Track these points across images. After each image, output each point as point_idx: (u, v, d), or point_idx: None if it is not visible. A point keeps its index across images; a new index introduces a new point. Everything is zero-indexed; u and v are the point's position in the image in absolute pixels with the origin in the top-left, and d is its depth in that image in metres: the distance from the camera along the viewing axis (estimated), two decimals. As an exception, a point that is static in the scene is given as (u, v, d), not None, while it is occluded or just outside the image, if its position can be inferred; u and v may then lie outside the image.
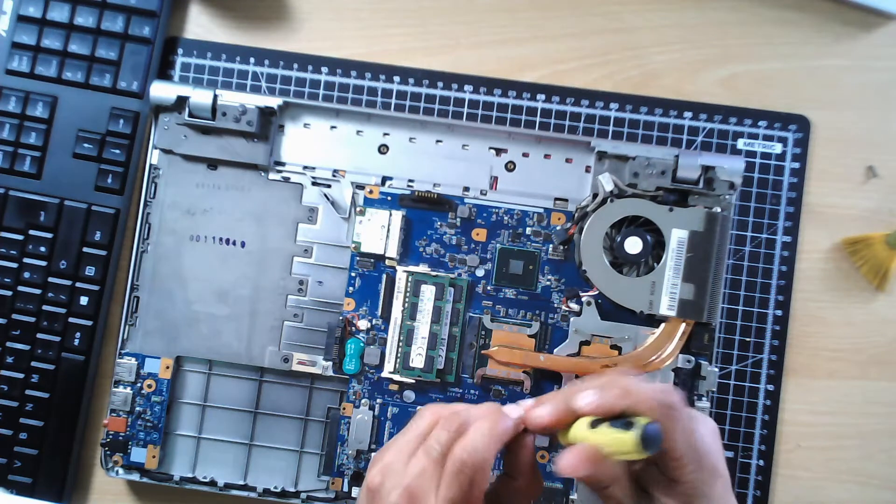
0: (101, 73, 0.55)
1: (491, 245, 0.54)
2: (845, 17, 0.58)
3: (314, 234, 0.54)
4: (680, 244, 0.52)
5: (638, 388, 0.36)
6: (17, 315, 0.54)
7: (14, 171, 0.55)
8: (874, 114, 0.57)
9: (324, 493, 0.53)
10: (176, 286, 0.54)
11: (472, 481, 0.36)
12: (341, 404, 0.54)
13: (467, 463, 0.36)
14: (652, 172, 0.52)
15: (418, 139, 0.55)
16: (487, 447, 0.37)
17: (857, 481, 0.55)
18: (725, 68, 0.57)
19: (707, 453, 0.37)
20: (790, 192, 0.56)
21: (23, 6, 0.55)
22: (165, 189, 0.54)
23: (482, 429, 0.37)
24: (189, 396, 0.54)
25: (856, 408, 0.56)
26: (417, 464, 0.37)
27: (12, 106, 0.55)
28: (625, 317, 0.52)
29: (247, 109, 0.53)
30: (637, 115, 0.57)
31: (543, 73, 0.57)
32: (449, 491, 0.36)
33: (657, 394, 0.36)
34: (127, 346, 0.54)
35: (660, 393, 0.36)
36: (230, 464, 0.54)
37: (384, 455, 0.39)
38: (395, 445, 0.39)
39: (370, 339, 0.53)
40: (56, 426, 0.54)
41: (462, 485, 0.36)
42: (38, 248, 0.54)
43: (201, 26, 0.58)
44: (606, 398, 0.36)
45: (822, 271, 0.56)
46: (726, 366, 0.55)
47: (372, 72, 0.57)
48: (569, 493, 0.52)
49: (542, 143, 0.54)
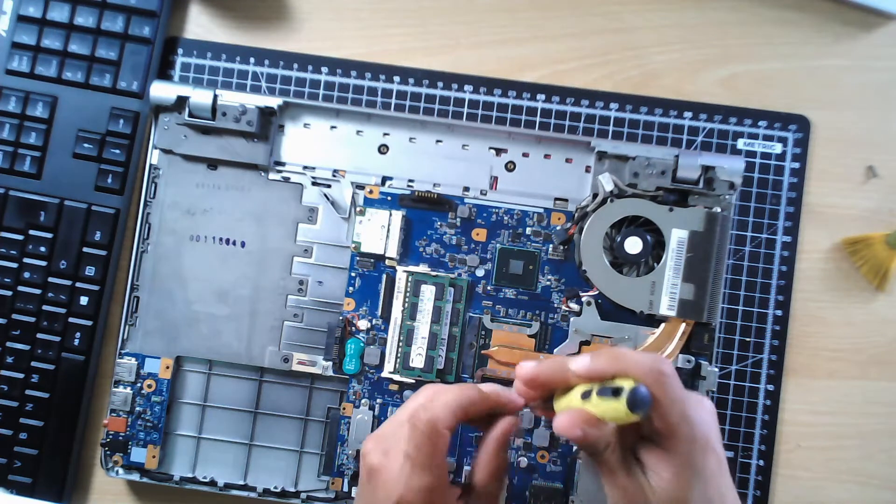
0: (101, 73, 0.55)
1: (491, 245, 0.54)
2: (845, 17, 0.58)
3: (314, 234, 0.54)
4: (680, 244, 0.52)
5: (629, 354, 0.38)
6: (17, 315, 0.54)
7: (14, 171, 0.55)
8: (874, 114, 0.57)
9: (324, 493, 0.54)
10: (176, 286, 0.54)
11: (428, 439, 0.40)
12: (341, 404, 0.54)
13: (421, 419, 0.40)
14: (652, 172, 0.52)
15: (418, 139, 0.55)
16: (444, 406, 0.40)
17: (857, 481, 0.55)
18: (725, 68, 0.57)
19: (699, 425, 0.38)
20: (790, 192, 0.56)
21: (23, 6, 0.55)
22: (165, 189, 0.54)
23: (444, 392, 0.41)
24: (189, 396, 0.54)
25: (856, 408, 0.56)
26: (391, 425, 0.41)
27: (12, 106, 0.55)
28: (625, 317, 0.52)
29: (247, 109, 0.53)
30: (637, 115, 0.57)
31: (543, 73, 0.57)
32: (407, 444, 0.40)
33: (648, 360, 0.37)
34: (127, 346, 0.54)
35: (651, 360, 0.37)
36: (230, 464, 0.54)
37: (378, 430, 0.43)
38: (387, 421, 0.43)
39: (370, 339, 0.53)
40: (56, 426, 0.54)
41: (418, 441, 0.39)
42: (38, 248, 0.54)
43: (201, 26, 0.58)
44: (598, 362, 0.38)
45: (822, 271, 0.56)
46: (726, 366, 0.55)
47: (372, 72, 0.57)
48: (569, 492, 0.52)
49: (542, 143, 0.54)
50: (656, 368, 0.37)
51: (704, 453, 0.38)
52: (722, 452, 0.39)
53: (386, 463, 0.40)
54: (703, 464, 0.37)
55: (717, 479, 0.38)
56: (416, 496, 0.39)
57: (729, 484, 0.39)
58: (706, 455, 0.38)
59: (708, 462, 0.38)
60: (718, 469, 0.38)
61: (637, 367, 0.37)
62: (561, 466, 0.53)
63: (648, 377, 0.36)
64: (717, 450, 0.38)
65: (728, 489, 0.39)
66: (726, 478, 0.39)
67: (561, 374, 0.40)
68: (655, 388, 0.36)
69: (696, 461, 0.37)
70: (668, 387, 0.37)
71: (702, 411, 0.39)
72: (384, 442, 0.41)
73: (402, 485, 0.39)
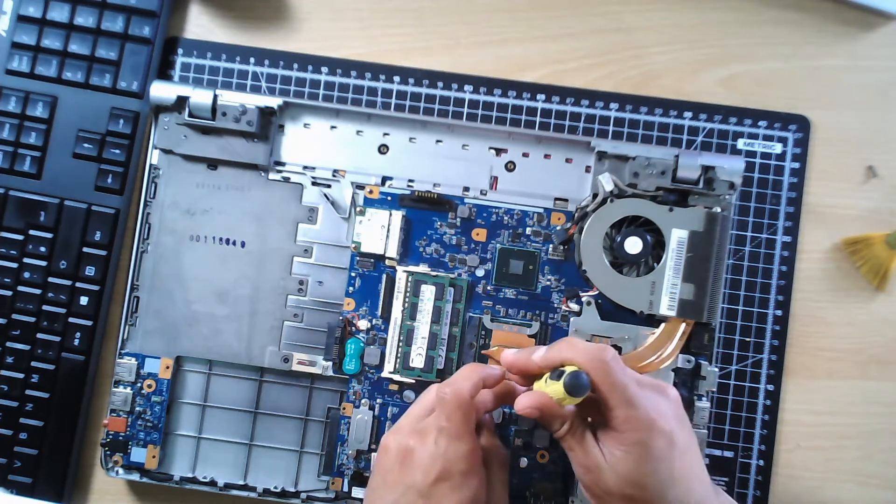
0: (101, 73, 0.55)
1: (491, 245, 0.54)
2: (845, 17, 0.58)
3: (314, 234, 0.54)
4: (680, 244, 0.52)
5: (578, 343, 0.42)
6: (17, 315, 0.54)
7: (14, 171, 0.55)
8: (874, 114, 0.57)
9: (324, 493, 0.53)
10: (176, 286, 0.54)
11: (458, 408, 0.43)
12: (341, 404, 0.54)
13: (447, 392, 0.43)
14: (652, 172, 0.52)
15: (418, 139, 0.55)
16: (465, 378, 0.44)
17: (857, 481, 0.55)
18: (725, 68, 0.57)
19: (643, 408, 0.40)
20: (790, 192, 0.56)
21: (23, 6, 0.55)
22: (165, 189, 0.54)
23: (462, 370, 0.46)
24: (189, 396, 0.54)
25: (856, 408, 0.56)
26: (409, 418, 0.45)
27: (12, 106, 0.55)
28: (625, 317, 0.52)
29: (247, 109, 0.53)
30: (637, 115, 0.57)
31: (543, 73, 0.57)
32: (437, 418, 0.43)
33: (592, 348, 0.41)
34: (127, 346, 0.54)
35: (595, 348, 0.41)
36: (230, 464, 0.54)
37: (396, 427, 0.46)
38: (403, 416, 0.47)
39: (370, 339, 0.53)
40: (56, 426, 0.54)
41: (448, 412, 0.43)
42: (38, 248, 0.54)
43: (201, 26, 0.58)
44: (552, 351, 0.43)
45: (822, 271, 0.56)
46: (726, 366, 0.55)
47: (372, 72, 0.57)
48: (569, 492, 0.52)
49: (542, 143, 0.54)
50: (598, 356, 0.40)
51: (650, 434, 0.40)
52: (678, 435, 0.41)
53: (420, 441, 0.43)
54: (650, 444, 0.40)
55: (669, 460, 0.40)
56: (455, 465, 0.42)
57: (690, 466, 0.41)
58: (652, 436, 0.40)
59: (655, 443, 0.40)
60: (669, 450, 0.40)
61: (581, 355, 0.41)
62: (561, 466, 0.53)
63: (590, 364, 0.40)
64: (667, 431, 0.40)
65: (689, 470, 0.41)
66: (683, 460, 0.41)
67: (528, 362, 0.44)
68: (596, 373, 0.40)
69: (644, 442, 0.40)
70: (609, 372, 0.40)
71: (653, 396, 0.42)
72: (406, 430, 0.44)
73: (440, 457, 0.42)
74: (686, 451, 0.41)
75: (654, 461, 0.40)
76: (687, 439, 0.42)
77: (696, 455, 0.42)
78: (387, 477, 0.43)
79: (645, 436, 0.40)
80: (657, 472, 0.40)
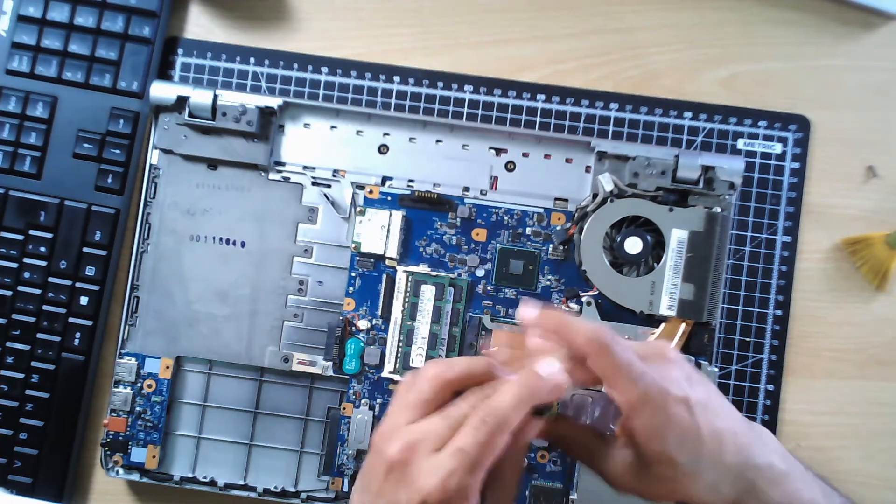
0: (101, 73, 0.55)
1: (491, 245, 0.54)
2: (845, 17, 0.58)
3: (314, 234, 0.54)
4: (680, 244, 0.52)
5: (573, 321, 0.38)
6: (17, 315, 0.54)
7: (14, 171, 0.55)
8: (874, 114, 0.57)
9: (324, 493, 0.53)
10: (176, 286, 0.54)
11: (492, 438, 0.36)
12: (341, 404, 0.54)
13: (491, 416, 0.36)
14: (652, 172, 0.52)
15: (418, 139, 0.55)
16: (514, 405, 0.36)
17: (857, 481, 0.55)
18: (725, 68, 0.57)
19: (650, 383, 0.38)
20: (790, 192, 0.56)
21: (23, 6, 0.55)
22: (165, 189, 0.54)
23: (511, 387, 0.37)
24: (189, 396, 0.54)
25: (856, 408, 0.56)
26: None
27: (12, 106, 0.54)
28: (625, 317, 0.52)
29: (247, 109, 0.53)
30: (637, 115, 0.57)
31: (543, 73, 0.57)
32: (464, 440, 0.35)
33: (589, 330, 0.38)
34: (127, 346, 0.54)
35: (591, 329, 0.38)
36: (230, 464, 0.54)
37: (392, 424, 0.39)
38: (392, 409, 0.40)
39: (370, 339, 0.53)
40: (56, 426, 0.54)
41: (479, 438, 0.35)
42: (38, 248, 0.54)
43: (201, 26, 0.58)
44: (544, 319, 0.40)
45: (822, 271, 0.56)
46: (726, 366, 0.55)
47: (372, 72, 0.57)
48: (569, 492, 0.52)
49: (542, 143, 0.54)
50: (597, 339, 0.37)
51: (665, 406, 0.38)
52: (693, 395, 0.39)
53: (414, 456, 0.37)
54: (668, 414, 0.38)
55: (688, 420, 0.38)
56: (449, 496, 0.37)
57: (715, 416, 0.39)
58: (667, 406, 0.38)
59: (673, 411, 0.38)
60: (689, 412, 0.38)
61: (578, 336, 0.37)
62: (561, 466, 0.53)
63: (589, 347, 0.37)
64: (681, 397, 0.38)
65: (715, 422, 0.39)
66: (706, 415, 0.38)
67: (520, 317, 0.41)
68: (598, 359, 0.37)
69: (660, 415, 0.38)
70: (610, 356, 0.37)
71: (657, 366, 0.39)
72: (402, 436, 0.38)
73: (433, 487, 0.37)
74: (706, 406, 0.39)
75: (676, 429, 0.38)
76: (703, 395, 0.39)
77: (716, 405, 0.40)
78: (371, 484, 0.38)
79: (660, 412, 0.38)
80: (684, 439, 0.38)
